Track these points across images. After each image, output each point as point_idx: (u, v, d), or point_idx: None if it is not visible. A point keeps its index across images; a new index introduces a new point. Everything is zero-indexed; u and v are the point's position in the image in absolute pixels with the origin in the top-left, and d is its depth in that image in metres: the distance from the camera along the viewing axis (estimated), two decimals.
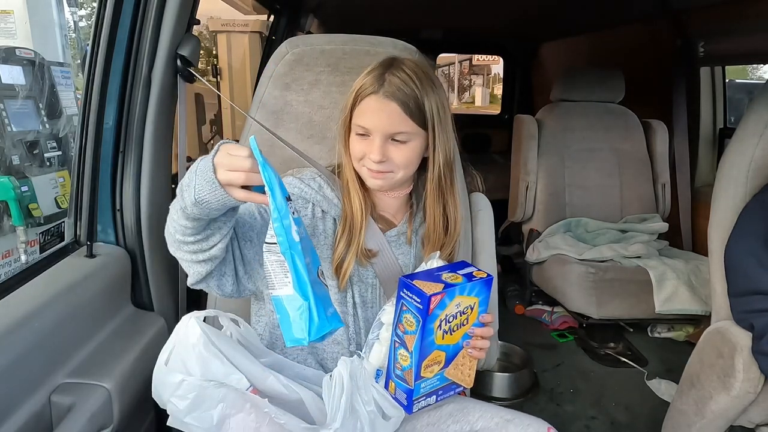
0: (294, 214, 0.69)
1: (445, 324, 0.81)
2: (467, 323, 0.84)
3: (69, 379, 0.88)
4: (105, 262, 1.06)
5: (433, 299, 0.77)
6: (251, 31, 3.68)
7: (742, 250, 1.14)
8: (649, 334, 2.35)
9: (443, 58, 12.87)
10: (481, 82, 18.21)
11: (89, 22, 3.39)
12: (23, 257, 2.15)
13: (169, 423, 0.78)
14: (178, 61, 1.14)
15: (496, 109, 4.69)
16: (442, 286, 0.78)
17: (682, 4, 2.24)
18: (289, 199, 0.68)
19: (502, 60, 4.19)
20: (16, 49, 2.35)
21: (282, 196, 0.68)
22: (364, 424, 0.78)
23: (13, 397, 0.78)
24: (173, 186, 1.24)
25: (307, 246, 0.70)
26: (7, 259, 2.19)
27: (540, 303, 2.51)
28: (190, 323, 0.80)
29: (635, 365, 2.12)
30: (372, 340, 0.89)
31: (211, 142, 3.30)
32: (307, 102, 1.13)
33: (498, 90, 12.12)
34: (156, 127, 1.13)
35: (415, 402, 0.83)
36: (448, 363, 0.84)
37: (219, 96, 3.42)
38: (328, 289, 0.75)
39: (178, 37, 1.13)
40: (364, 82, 0.88)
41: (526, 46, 3.85)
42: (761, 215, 1.12)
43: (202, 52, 2.36)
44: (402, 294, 0.81)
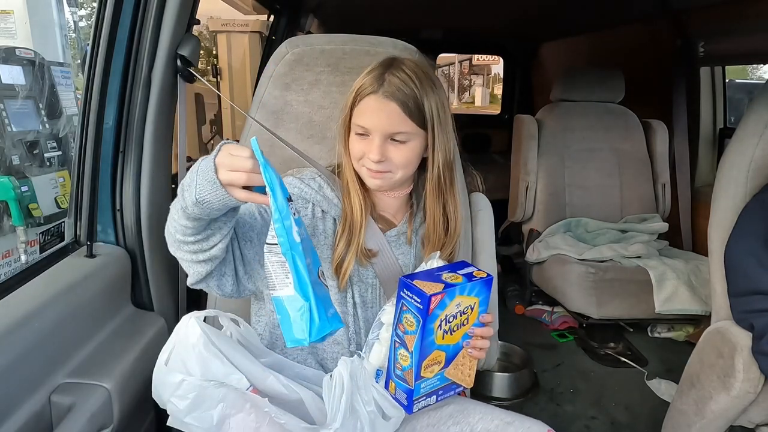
0: (295, 214, 0.69)
1: (445, 324, 0.81)
2: (467, 323, 0.84)
3: (69, 379, 0.88)
4: (105, 262, 1.06)
5: (433, 299, 0.77)
6: (251, 31, 3.68)
7: (742, 250, 1.14)
8: (649, 334, 2.35)
9: (443, 58, 12.86)
10: (481, 82, 18.21)
11: (89, 22, 3.39)
12: (23, 257, 2.15)
13: (169, 423, 0.78)
14: (178, 61, 1.14)
15: (496, 109, 4.69)
16: (442, 286, 0.79)
17: (682, 4, 2.24)
18: (290, 200, 0.69)
19: (502, 60, 4.19)
20: (16, 49, 2.34)
21: (283, 196, 0.68)
22: (364, 424, 0.78)
23: (13, 397, 0.78)
24: (173, 186, 1.24)
25: (308, 247, 0.70)
26: (7, 259, 2.19)
27: (540, 303, 2.51)
28: (190, 323, 0.80)
29: (635, 365, 2.12)
30: (372, 340, 0.89)
31: (211, 142, 3.30)
32: (307, 102, 1.13)
33: (498, 90, 12.12)
34: (156, 127, 1.13)
35: (415, 402, 0.83)
36: (448, 363, 0.84)
37: (219, 96, 3.42)
38: (328, 290, 0.75)
39: (178, 37, 1.13)
40: (364, 81, 0.88)
41: (526, 46, 3.85)
42: (761, 215, 1.12)
43: (202, 52, 2.36)
44: (402, 294, 0.81)
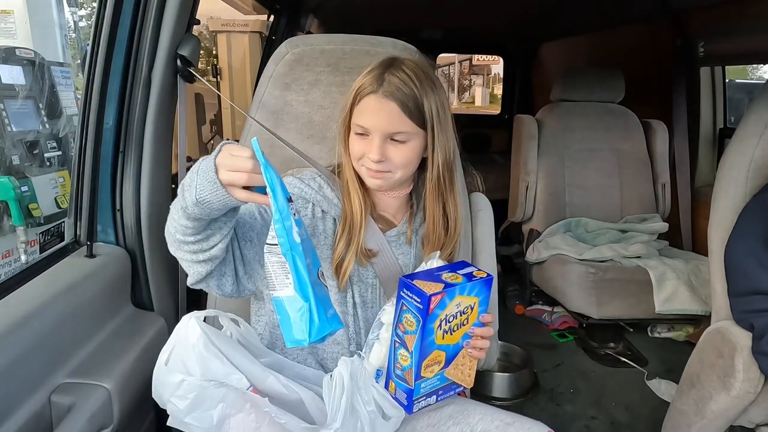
0: (295, 215, 0.69)
1: (445, 324, 0.81)
2: (467, 323, 0.84)
3: (69, 379, 0.88)
4: (105, 262, 1.06)
5: (433, 299, 0.77)
6: (251, 31, 3.68)
7: (742, 250, 1.14)
8: (649, 334, 2.35)
9: (443, 58, 12.87)
10: (481, 82, 18.21)
11: (89, 22, 3.39)
12: (23, 257, 2.15)
13: (169, 423, 0.78)
14: (178, 61, 1.14)
15: (496, 109, 4.69)
16: (442, 285, 0.78)
17: (682, 4, 2.24)
18: (290, 201, 0.69)
19: (502, 60, 4.19)
20: (16, 49, 2.35)
21: (284, 197, 0.68)
22: (364, 424, 0.78)
23: (13, 397, 0.78)
24: (173, 186, 1.24)
25: (308, 247, 0.70)
26: (7, 259, 2.19)
27: (540, 303, 2.51)
28: (190, 323, 0.80)
29: (635, 365, 2.12)
30: (372, 340, 0.89)
31: (211, 142, 3.30)
32: (307, 102, 1.13)
33: (498, 90, 12.12)
34: (156, 127, 1.13)
35: (415, 402, 0.83)
36: (448, 363, 0.84)
37: (219, 96, 3.42)
38: (328, 291, 0.75)
39: (178, 37, 1.13)
40: (364, 81, 0.88)
41: (526, 46, 3.85)
42: (761, 215, 1.12)
43: (202, 52, 2.36)
44: (402, 294, 0.81)
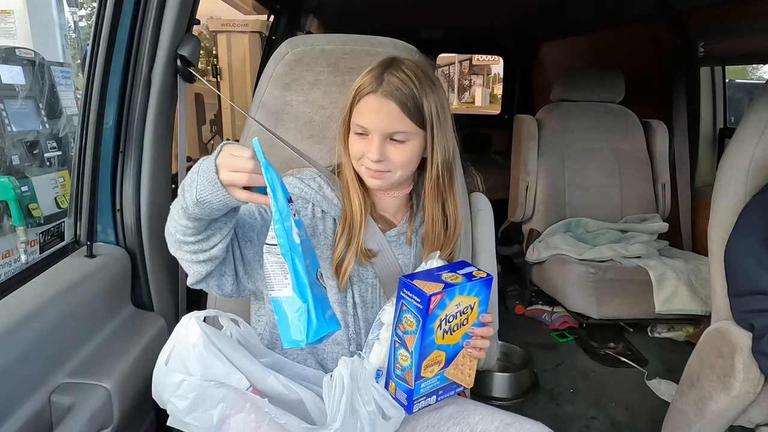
0: (295, 215, 0.69)
1: (445, 324, 0.81)
2: (467, 323, 0.84)
3: (69, 379, 0.88)
4: (105, 262, 1.06)
5: (433, 299, 0.77)
6: (251, 31, 3.68)
7: (742, 250, 1.14)
8: (649, 334, 2.35)
9: (443, 58, 12.87)
10: (481, 82, 18.21)
11: (89, 22, 3.39)
12: (23, 257, 2.15)
13: (169, 423, 0.78)
14: (178, 61, 1.14)
15: (496, 109, 4.69)
16: (442, 285, 0.78)
17: (682, 4, 2.24)
18: (290, 201, 0.69)
19: (502, 60, 4.19)
20: (16, 49, 2.35)
21: (284, 197, 0.68)
22: (364, 424, 0.78)
23: (13, 397, 0.78)
24: (173, 186, 1.24)
25: (308, 248, 0.70)
26: (7, 259, 2.19)
27: (540, 303, 2.51)
28: (190, 323, 0.80)
29: (635, 365, 2.12)
30: (372, 340, 0.89)
31: (211, 142, 3.30)
32: (307, 102, 1.13)
33: (498, 90, 12.12)
34: (156, 127, 1.13)
35: (415, 402, 0.83)
36: (448, 363, 0.84)
37: (219, 96, 3.42)
38: (326, 292, 0.75)
39: (178, 37, 1.13)
40: (363, 81, 0.88)
41: (526, 46, 3.85)
42: (761, 215, 1.12)
43: (202, 52, 2.36)
44: (402, 294, 0.81)
